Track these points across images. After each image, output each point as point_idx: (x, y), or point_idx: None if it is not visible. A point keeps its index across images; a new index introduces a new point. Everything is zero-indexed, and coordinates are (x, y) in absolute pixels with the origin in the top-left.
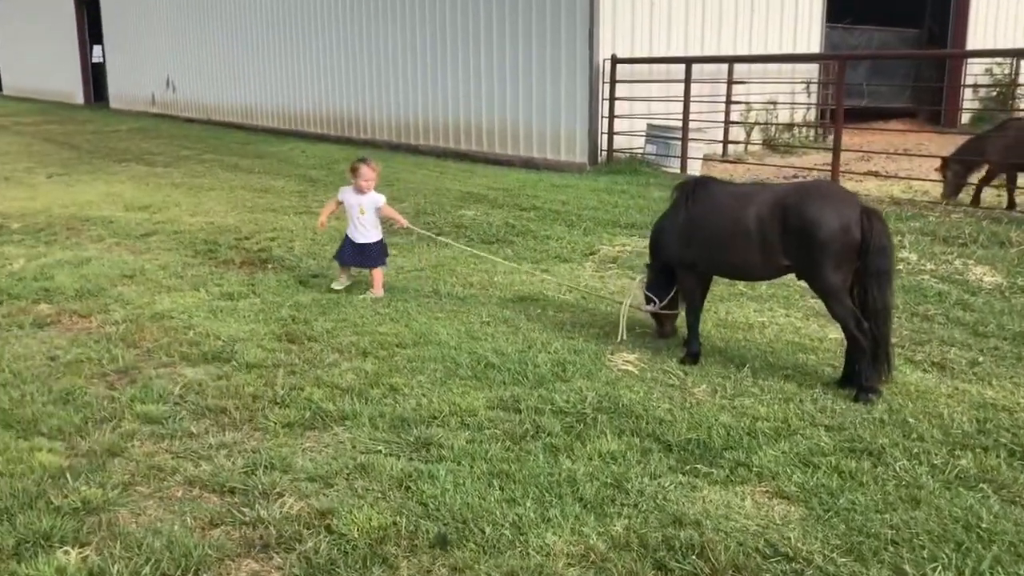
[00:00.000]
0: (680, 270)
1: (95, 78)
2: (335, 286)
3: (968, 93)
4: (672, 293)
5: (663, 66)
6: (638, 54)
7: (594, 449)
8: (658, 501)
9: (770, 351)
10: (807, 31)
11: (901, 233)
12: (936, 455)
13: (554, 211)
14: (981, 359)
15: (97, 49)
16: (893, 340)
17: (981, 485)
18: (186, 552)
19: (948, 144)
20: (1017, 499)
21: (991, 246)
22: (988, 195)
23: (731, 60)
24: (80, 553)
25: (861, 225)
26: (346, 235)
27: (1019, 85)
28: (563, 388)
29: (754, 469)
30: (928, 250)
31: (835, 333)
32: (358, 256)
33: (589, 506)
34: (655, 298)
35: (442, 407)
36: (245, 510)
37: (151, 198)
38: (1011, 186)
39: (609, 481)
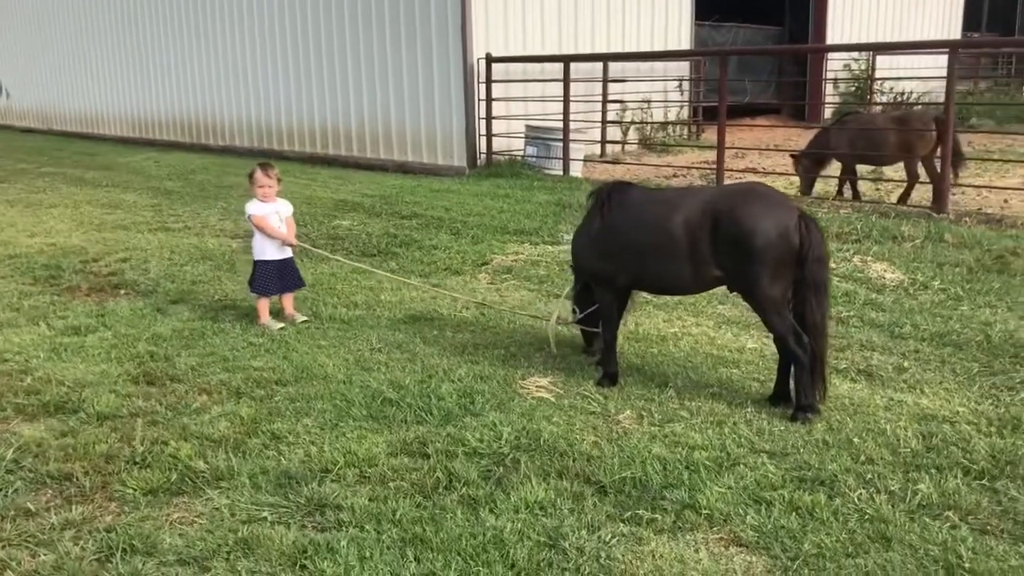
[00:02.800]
0: (597, 284)
1: None
2: (272, 326)
3: (829, 88)
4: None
5: (538, 65)
6: (512, 52)
7: (520, 499)
8: (602, 561)
9: (690, 366)
10: (677, 29)
11: None
12: (892, 480)
13: (437, 218)
14: (906, 364)
15: None
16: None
17: (946, 513)
18: None
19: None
20: (988, 528)
21: (885, 241)
22: (821, 187)
23: (610, 58)
24: None
25: (799, 232)
26: (263, 260)
27: (876, 79)
28: (474, 424)
29: (702, 512)
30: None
31: (752, 343)
32: (286, 277)
33: (523, 574)
34: (577, 309)
35: (336, 457)
36: None
37: None
38: (852, 178)
39: (542, 539)
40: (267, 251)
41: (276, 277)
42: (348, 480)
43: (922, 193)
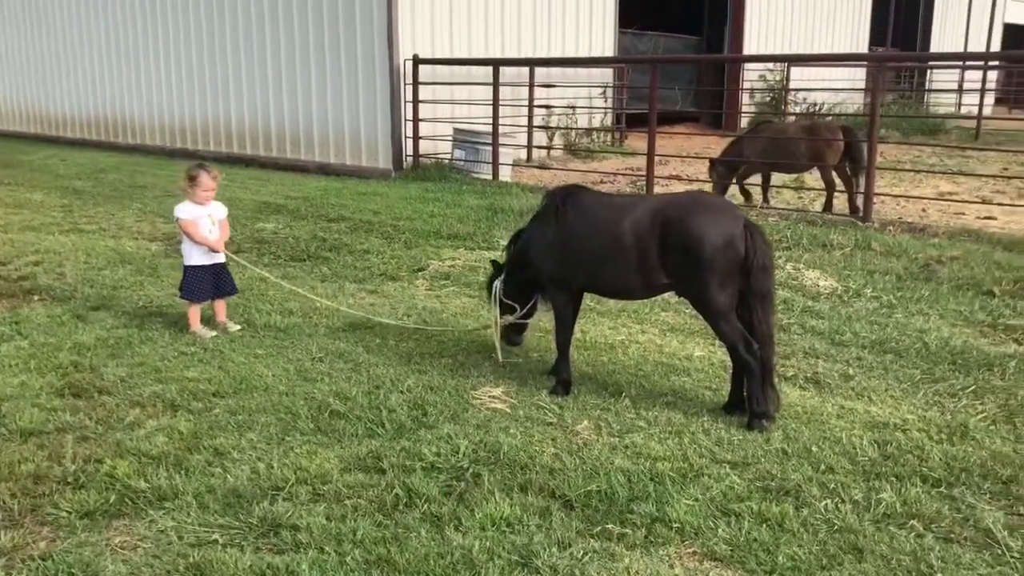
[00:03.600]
0: (551, 287)
1: None
2: (204, 335)
3: (746, 97)
4: (532, 302)
5: (464, 68)
6: (439, 55)
7: (485, 515)
8: None
9: (641, 375)
10: (601, 36)
11: None
12: (854, 489)
13: (366, 222)
14: (851, 371)
15: None
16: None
17: (911, 523)
18: None
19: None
20: (951, 535)
21: (814, 248)
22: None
23: (539, 63)
24: None
25: (745, 241)
26: (193, 265)
27: (791, 90)
28: (429, 437)
29: (673, 525)
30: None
31: (700, 351)
32: (217, 283)
33: None
34: (516, 304)
35: (286, 473)
36: None
37: None
38: (765, 184)
39: (514, 558)
40: (194, 256)
41: (211, 283)
42: (301, 498)
43: (843, 201)
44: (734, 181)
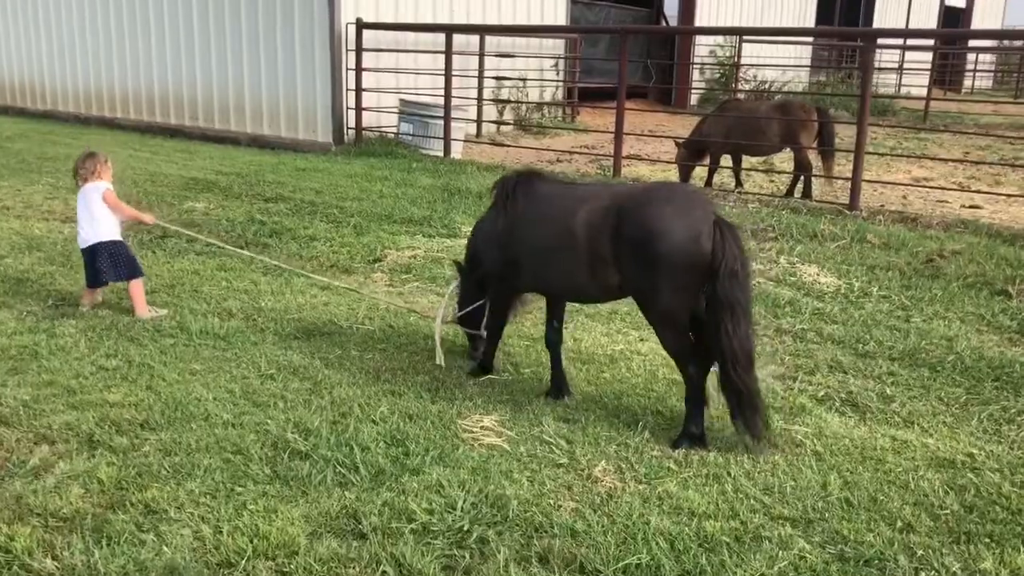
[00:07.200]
0: (496, 283)
1: None
2: (160, 312)
3: (696, 74)
4: (479, 304)
5: (411, 36)
6: (383, 19)
7: None
8: None
9: (654, 396)
10: (553, 5)
11: None
12: (947, 556)
13: (309, 202)
14: (889, 391)
15: None
16: (761, 379)
17: None
18: None
19: (691, 125)
20: None
21: (804, 239)
22: (718, 179)
23: (493, 31)
24: None
25: (713, 240)
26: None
27: (742, 65)
28: (416, 486)
29: None
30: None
31: (713, 365)
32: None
33: None
34: (458, 307)
35: (239, 542)
36: None
37: None
38: (736, 168)
39: None
40: (117, 230)
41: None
42: None
43: (819, 189)
44: (702, 164)
